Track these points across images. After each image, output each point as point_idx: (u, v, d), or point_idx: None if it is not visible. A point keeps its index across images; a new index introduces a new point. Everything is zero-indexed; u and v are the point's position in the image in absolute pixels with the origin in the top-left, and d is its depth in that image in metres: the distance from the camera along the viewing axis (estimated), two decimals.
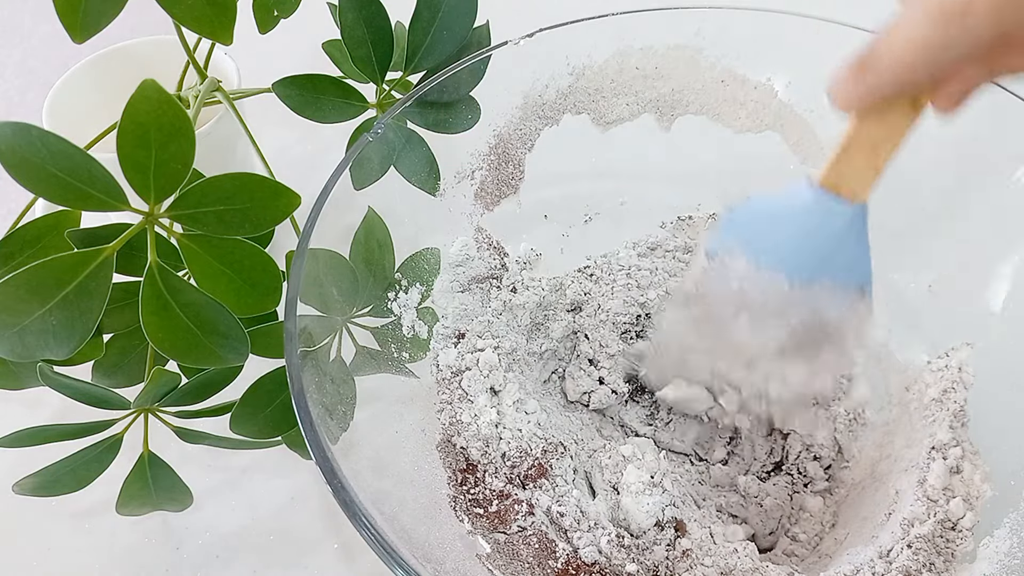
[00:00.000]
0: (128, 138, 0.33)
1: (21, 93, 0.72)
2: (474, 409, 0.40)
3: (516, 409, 0.41)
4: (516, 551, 0.37)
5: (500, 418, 0.40)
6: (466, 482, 0.39)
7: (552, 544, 0.37)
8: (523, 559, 0.36)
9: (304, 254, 0.36)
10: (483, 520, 0.37)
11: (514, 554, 0.37)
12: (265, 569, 0.43)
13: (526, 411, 0.41)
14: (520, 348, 0.44)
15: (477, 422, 0.39)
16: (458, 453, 0.39)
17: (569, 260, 0.48)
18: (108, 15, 0.38)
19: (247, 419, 0.40)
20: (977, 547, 0.35)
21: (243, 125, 0.46)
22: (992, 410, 0.40)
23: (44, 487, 0.39)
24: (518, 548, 0.37)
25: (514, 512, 0.37)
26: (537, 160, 0.46)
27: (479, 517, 0.37)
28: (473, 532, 0.37)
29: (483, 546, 0.37)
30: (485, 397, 0.40)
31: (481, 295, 0.45)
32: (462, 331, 0.43)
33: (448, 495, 0.38)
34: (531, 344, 0.45)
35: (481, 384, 0.41)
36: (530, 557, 0.36)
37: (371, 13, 0.45)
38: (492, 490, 0.38)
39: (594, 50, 0.45)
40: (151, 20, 0.47)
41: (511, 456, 0.39)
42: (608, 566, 0.36)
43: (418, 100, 0.43)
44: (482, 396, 0.40)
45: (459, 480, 0.39)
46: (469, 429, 0.39)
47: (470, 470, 0.39)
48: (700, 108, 0.46)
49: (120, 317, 0.39)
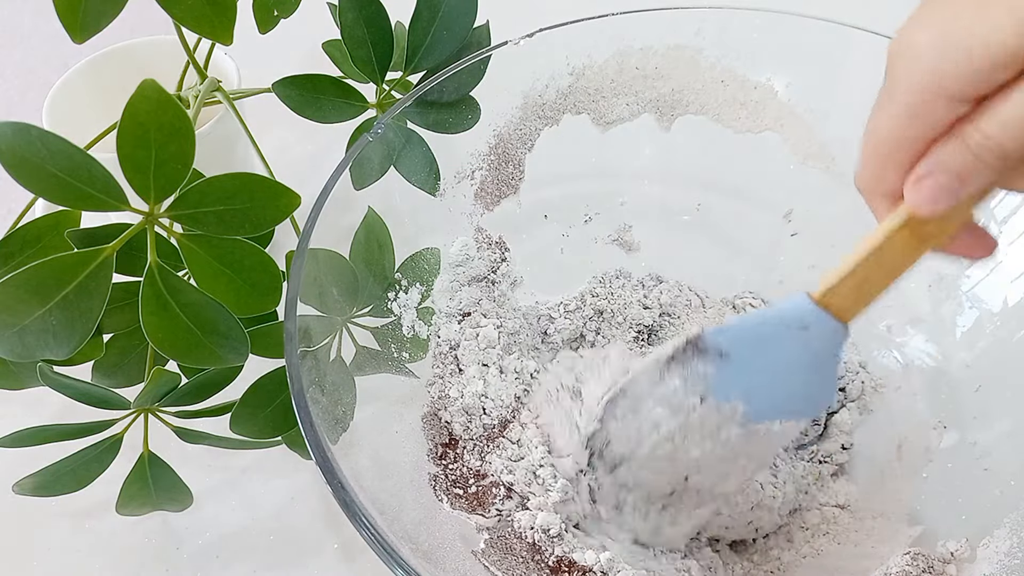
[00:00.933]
0: (128, 138, 0.33)
1: (21, 93, 0.72)
2: (463, 380, 0.40)
3: (503, 378, 0.41)
4: (510, 546, 0.37)
5: (486, 388, 0.41)
6: (446, 456, 0.39)
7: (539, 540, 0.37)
8: (516, 553, 0.36)
9: (304, 254, 0.36)
10: (463, 502, 0.38)
11: (508, 549, 0.37)
12: (265, 569, 0.43)
13: (516, 372, 0.41)
14: (523, 331, 0.44)
15: (463, 393, 0.40)
16: (442, 427, 0.40)
17: (568, 260, 0.48)
18: (108, 15, 0.38)
19: (247, 419, 0.40)
20: (977, 547, 0.35)
21: (243, 125, 0.46)
22: (992, 410, 0.40)
23: (44, 487, 0.39)
24: (511, 543, 0.37)
25: (491, 496, 0.37)
26: (537, 160, 0.46)
27: (458, 498, 0.37)
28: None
29: (477, 540, 0.37)
30: (476, 368, 0.41)
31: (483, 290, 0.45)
32: (468, 311, 0.43)
33: (429, 474, 0.38)
34: (533, 331, 0.46)
35: (474, 356, 0.41)
36: (524, 551, 0.36)
37: (371, 13, 0.45)
38: (470, 468, 0.38)
39: (594, 50, 0.45)
40: (151, 20, 0.47)
41: (489, 427, 0.39)
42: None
43: (418, 100, 0.43)
44: (473, 367, 0.41)
45: (439, 454, 0.39)
46: (455, 403, 0.40)
47: (451, 445, 0.39)
48: (700, 108, 0.46)
49: (120, 317, 0.39)
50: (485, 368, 0.42)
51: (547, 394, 0.41)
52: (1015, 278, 0.40)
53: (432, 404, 0.41)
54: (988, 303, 0.41)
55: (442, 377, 0.41)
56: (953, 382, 0.41)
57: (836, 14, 0.43)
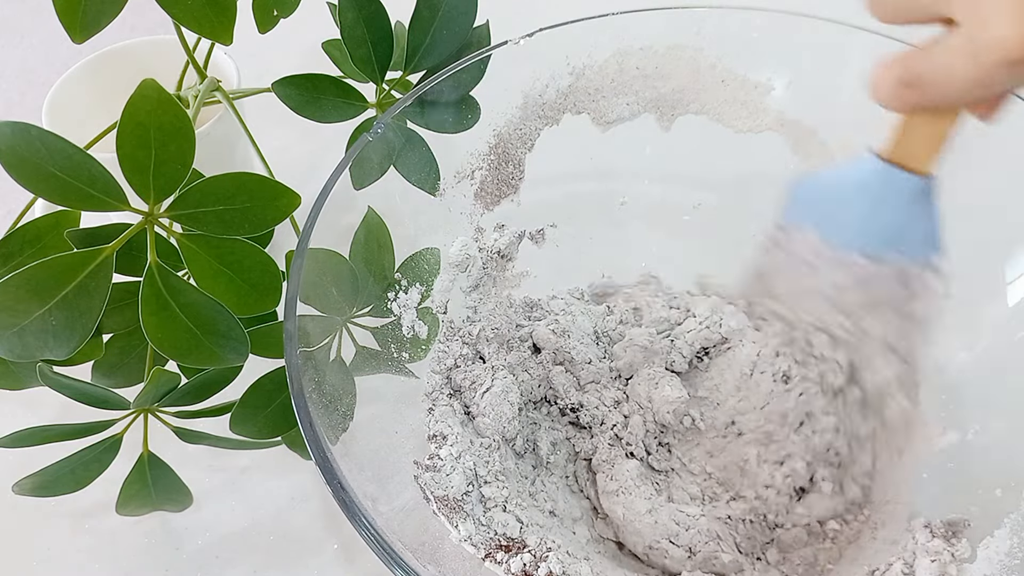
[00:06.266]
0: (128, 138, 0.33)
1: (21, 93, 0.72)
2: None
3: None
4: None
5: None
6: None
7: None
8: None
9: (304, 254, 0.36)
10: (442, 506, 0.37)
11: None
12: (265, 569, 0.43)
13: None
14: (508, 328, 0.45)
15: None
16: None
17: (567, 260, 0.48)
18: (108, 15, 0.38)
19: (247, 419, 0.40)
20: (977, 547, 0.35)
21: (243, 125, 0.46)
22: (992, 410, 0.40)
23: (44, 487, 0.39)
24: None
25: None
26: (537, 160, 0.46)
27: (439, 500, 0.37)
28: (437, 514, 0.37)
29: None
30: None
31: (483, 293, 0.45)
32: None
33: (413, 463, 0.38)
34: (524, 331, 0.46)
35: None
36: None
37: (371, 13, 0.45)
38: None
39: (594, 50, 0.45)
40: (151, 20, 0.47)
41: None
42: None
43: (418, 100, 0.43)
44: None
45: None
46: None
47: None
48: (700, 108, 0.46)
49: (120, 317, 0.39)
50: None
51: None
52: (1015, 278, 0.40)
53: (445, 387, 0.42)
54: (988, 303, 0.41)
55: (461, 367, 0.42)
56: (953, 382, 0.41)
57: (836, 14, 0.43)
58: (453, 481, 0.37)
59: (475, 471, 0.38)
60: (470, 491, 0.37)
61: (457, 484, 0.37)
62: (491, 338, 0.44)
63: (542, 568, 0.35)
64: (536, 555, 0.36)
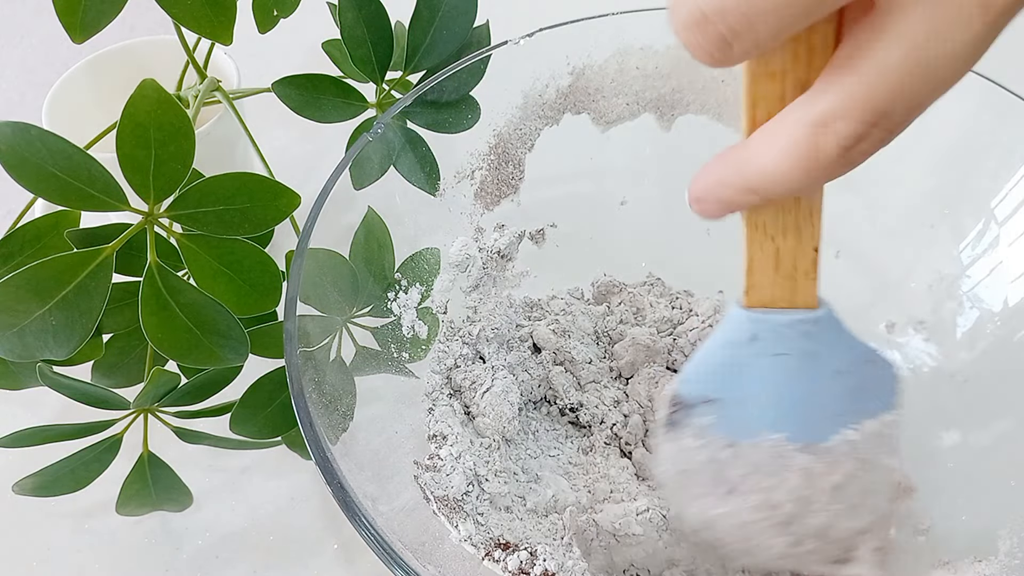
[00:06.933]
0: (128, 138, 0.33)
1: (21, 93, 0.72)
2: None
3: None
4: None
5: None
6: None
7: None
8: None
9: (304, 254, 0.36)
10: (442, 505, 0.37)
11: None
12: (265, 569, 0.43)
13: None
14: (509, 328, 0.45)
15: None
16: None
17: (567, 260, 0.48)
18: (108, 15, 0.38)
19: (247, 419, 0.40)
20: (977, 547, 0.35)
21: (243, 125, 0.46)
22: (992, 410, 0.40)
23: (44, 487, 0.39)
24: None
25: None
26: (537, 160, 0.46)
27: (439, 500, 0.37)
28: (437, 514, 0.37)
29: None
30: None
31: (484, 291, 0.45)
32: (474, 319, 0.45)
33: (413, 463, 0.38)
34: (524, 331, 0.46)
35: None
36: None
37: (371, 13, 0.45)
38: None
39: (594, 50, 0.45)
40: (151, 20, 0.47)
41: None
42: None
43: (418, 100, 0.43)
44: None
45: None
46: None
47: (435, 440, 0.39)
48: (700, 108, 0.46)
49: (120, 317, 0.39)
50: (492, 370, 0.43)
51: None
52: (1015, 278, 0.40)
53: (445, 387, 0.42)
54: (988, 303, 0.41)
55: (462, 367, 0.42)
56: (953, 382, 0.41)
57: None
58: (453, 481, 0.37)
59: (475, 471, 0.38)
60: (470, 491, 0.37)
61: (457, 484, 0.37)
62: (491, 338, 0.44)
63: (537, 567, 0.35)
64: (533, 553, 0.36)
